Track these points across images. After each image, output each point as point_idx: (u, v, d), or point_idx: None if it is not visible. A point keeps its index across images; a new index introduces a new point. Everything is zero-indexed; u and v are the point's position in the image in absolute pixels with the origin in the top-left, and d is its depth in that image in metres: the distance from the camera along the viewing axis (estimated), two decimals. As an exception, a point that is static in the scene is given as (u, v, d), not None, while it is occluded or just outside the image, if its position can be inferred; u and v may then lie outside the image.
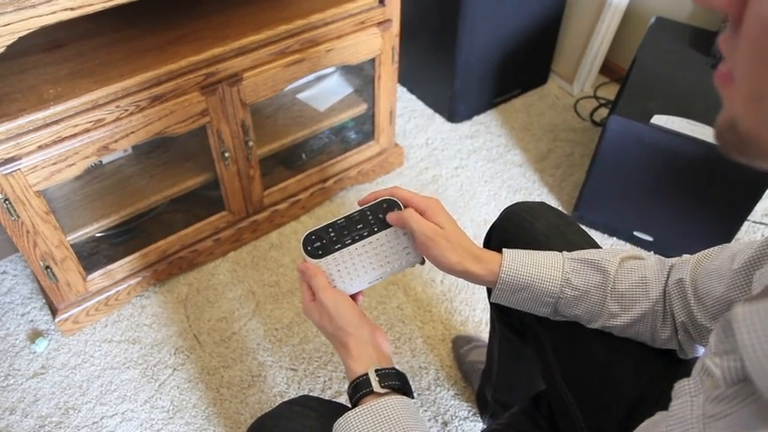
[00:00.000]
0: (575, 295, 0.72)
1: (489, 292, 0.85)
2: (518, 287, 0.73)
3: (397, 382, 0.65)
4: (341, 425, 0.63)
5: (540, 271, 0.72)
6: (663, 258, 0.72)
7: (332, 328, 0.69)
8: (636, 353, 0.73)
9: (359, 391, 0.64)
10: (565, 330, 0.78)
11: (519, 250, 0.75)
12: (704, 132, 1.36)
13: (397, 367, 0.67)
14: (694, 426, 0.41)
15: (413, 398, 0.66)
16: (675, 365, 0.72)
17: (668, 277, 0.69)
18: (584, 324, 0.74)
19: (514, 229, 0.86)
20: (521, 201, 0.91)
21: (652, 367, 0.73)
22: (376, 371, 0.65)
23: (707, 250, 0.68)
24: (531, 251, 0.75)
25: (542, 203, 0.89)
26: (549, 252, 0.75)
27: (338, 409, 0.68)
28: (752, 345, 0.35)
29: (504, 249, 0.74)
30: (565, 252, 0.75)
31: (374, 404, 0.62)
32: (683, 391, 0.45)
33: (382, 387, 0.63)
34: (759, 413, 0.37)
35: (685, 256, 0.70)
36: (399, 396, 0.64)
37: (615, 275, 0.70)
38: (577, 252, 0.74)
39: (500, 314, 0.96)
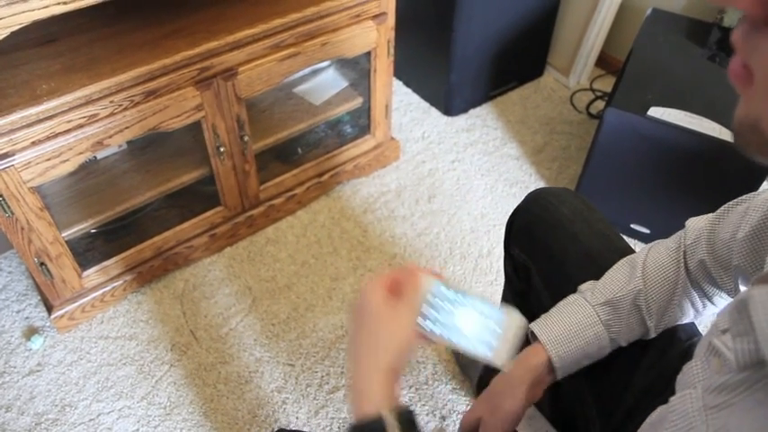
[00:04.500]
0: (620, 330, 0.73)
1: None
2: (575, 362, 0.74)
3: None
4: None
5: (585, 339, 0.72)
6: (670, 245, 0.73)
7: (366, 339, 0.57)
8: (651, 342, 0.74)
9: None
10: None
11: (550, 325, 0.74)
12: (701, 124, 1.36)
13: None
14: (697, 418, 0.41)
15: None
16: (686, 356, 0.73)
17: (685, 258, 0.71)
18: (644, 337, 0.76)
19: (540, 211, 0.87)
20: (545, 186, 0.93)
21: (665, 358, 0.73)
22: (398, 416, 0.52)
23: (703, 220, 0.71)
24: (561, 316, 0.74)
25: (567, 189, 0.90)
26: (577, 308, 0.74)
27: None
28: None
29: (538, 338, 0.74)
30: (587, 296, 0.74)
31: None
32: (689, 374, 0.45)
33: None
34: (765, 400, 0.36)
35: (692, 227, 0.71)
36: None
37: (647, 292, 0.71)
38: (600, 294, 0.74)
39: (516, 298, 0.97)
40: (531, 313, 0.93)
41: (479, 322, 0.61)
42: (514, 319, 0.61)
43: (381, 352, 0.54)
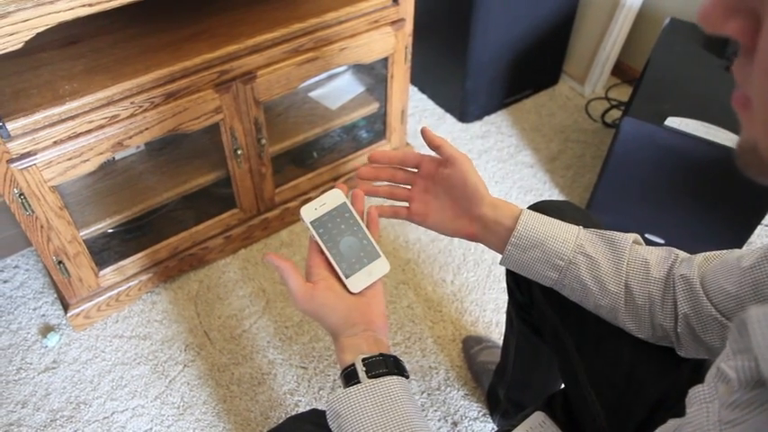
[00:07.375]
0: (586, 263, 0.71)
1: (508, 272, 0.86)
2: (531, 244, 0.72)
3: (384, 369, 0.64)
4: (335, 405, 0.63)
5: (554, 231, 0.72)
6: (670, 248, 0.72)
7: (321, 323, 0.70)
8: (660, 354, 0.73)
9: (349, 381, 0.64)
10: (590, 329, 0.78)
11: (534, 212, 0.75)
12: (718, 135, 1.36)
13: (387, 350, 0.66)
14: (712, 431, 0.41)
15: (407, 377, 0.66)
16: (699, 369, 0.72)
17: (672, 265, 0.70)
18: (585, 305, 0.74)
19: None
20: (545, 199, 0.91)
21: (675, 370, 0.72)
22: (363, 360, 0.64)
23: (711, 252, 0.69)
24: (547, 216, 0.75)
25: (567, 202, 0.89)
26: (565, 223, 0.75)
27: None
28: (766, 346, 0.35)
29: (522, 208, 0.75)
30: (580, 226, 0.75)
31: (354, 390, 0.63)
32: (698, 397, 0.45)
33: (369, 377, 0.63)
34: None
35: (692, 256, 0.70)
36: (386, 378, 0.63)
37: (629, 255, 0.71)
38: (593, 229, 0.75)
39: (519, 311, 0.96)
40: (534, 326, 0.93)
41: (357, 250, 0.70)
42: (384, 263, 0.71)
43: (334, 328, 0.68)
